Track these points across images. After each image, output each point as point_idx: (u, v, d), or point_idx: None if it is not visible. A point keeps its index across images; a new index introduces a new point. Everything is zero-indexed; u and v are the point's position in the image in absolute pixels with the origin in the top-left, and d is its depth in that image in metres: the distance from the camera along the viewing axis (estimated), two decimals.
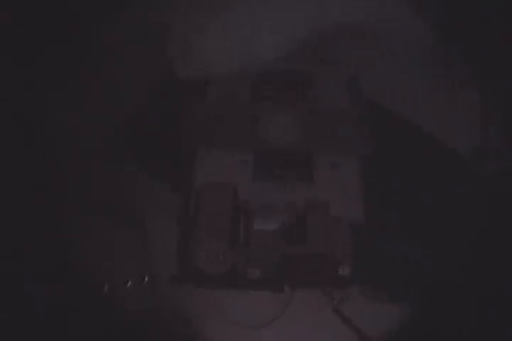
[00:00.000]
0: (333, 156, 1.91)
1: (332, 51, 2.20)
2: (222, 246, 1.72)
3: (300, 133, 1.92)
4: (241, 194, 1.83)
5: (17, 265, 1.95)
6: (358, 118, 1.95)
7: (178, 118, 2.04)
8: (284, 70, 2.09)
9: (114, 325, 1.94)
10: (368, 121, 1.98)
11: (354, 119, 1.96)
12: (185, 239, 1.79)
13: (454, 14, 2.22)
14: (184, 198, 1.88)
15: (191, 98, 2.04)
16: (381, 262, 1.85)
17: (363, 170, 1.93)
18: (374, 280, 1.88)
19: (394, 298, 1.99)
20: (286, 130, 1.92)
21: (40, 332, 1.87)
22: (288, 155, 1.90)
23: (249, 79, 2.09)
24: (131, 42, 2.24)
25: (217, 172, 1.86)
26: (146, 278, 2.01)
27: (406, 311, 1.99)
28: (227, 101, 2.03)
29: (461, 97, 2.21)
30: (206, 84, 2.06)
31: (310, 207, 1.81)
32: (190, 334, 1.99)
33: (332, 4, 2.18)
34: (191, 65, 2.10)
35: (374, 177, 1.95)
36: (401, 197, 2.06)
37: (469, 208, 2.07)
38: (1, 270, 1.91)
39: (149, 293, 2.00)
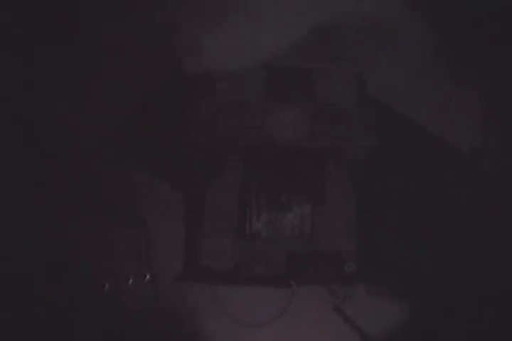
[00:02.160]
0: (338, 154, 1.91)
1: (336, 49, 2.20)
2: (228, 243, 1.73)
3: (305, 131, 1.91)
4: (246, 192, 1.84)
5: (18, 265, 1.94)
6: (362, 115, 1.95)
7: (179, 118, 2.03)
8: (289, 68, 2.08)
9: (116, 323, 1.94)
10: (372, 119, 1.97)
11: (359, 117, 1.95)
12: (190, 237, 1.79)
13: (452, 14, 2.24)
14: (188, 197, 1.88)
15: (193, 97, 2.02)
16: (384, 260, 1.85)
17: (365, 168, 1.93)
18: (377, 278, 1.88)
19: (396, 296, 2.00)
20: (292, 127, 1.91)
21: (41, 331, 1.87)
22: (293, 153, 1.90)
23: (254, 78, 2.08)
24: (132, 42, 2.23)
25: (220, 170, 1.86)
26: (148, 277, 2.01)
27: (407, 310, 1.99)
28: (231, 99, 2.01)
29: (461, 97, 2.22)
30: (210, 83, 2.05)
31: (316, 204, 1.82)
32: (192, 332, 1.99)
33: (336, 2, 2.19)
34: (197, 63, 2.10)
35: (376, 176, 1.95)
36: (402, 196, 2.06)
37: (469, 207, 2.07)
38: (2, 270, 1.91)
39: (151, 291, 2.00)
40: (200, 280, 1.81)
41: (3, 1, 2.13)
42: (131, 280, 2.00)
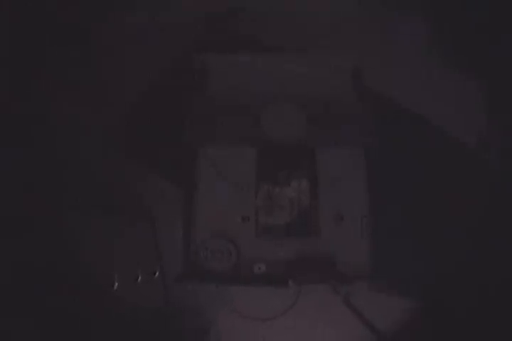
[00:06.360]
0: (336, 151, 1.89)
1: (337, 43, 2.22)
2: (226, 244, 1.75)
3: (304, 128, 1.89)
4: (244, 191, 1.85)
5: (25, 265, 1.96)
6: (362, 111, 1.93)
7: (180, 117, 2.02)
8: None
9: (124, 319, 1.96)
10: (372, 114, 1.95)
11: (358, 112, 1.93)
12: (189, 237, 1.79)
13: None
14: (187, 197, 1.87)
15: (192, 96, 2.00)
16: (387, 258, 1.86)
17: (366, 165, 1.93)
18: (380, 276, 1.88)
19: (400, 293, 2.03)
20: (290, 125, 1.89)
21: (51, 329, 1.89)
22: (292, 150, 1.88)
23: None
24: (131, 42, 2.24)
25: (220, 170, 1.85)
26: (157, 274, 2.03)
27: (411, 305, 2.03)
28: (229, 95, 1.98)
29: (465, 93, 2.23)
30: (207, 81, 2.01)
31: (314, 202, 1.83)
32: (199, 327, 2.01)
33: None
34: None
35: (375, 174, 1.95)
36: (404, 194, 2.09)
37: (473, 205, 2.11)
38: (12, 269, 1.93)
39: (159, 288, 2.02)
40: (200, 280, 1.80)
41: (3, 1, 2.14)
42: (140, 278, 2.02)
